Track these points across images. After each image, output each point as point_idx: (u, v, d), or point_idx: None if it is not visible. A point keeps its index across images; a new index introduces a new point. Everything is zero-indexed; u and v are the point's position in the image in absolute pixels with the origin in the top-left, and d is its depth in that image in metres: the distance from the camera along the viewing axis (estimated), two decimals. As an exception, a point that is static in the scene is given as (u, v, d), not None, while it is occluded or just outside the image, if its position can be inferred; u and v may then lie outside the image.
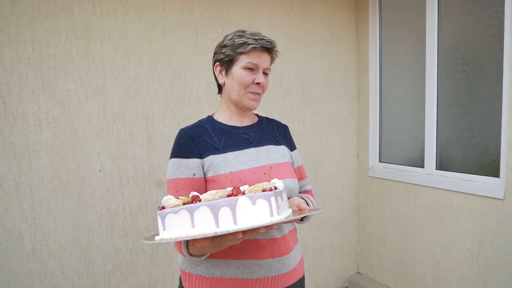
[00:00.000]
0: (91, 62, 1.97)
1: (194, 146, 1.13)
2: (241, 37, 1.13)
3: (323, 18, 2.71)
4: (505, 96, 2.00)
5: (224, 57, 1.16)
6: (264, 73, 1.18)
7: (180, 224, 0.92)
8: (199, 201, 0.93)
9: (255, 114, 1.32)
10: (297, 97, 2.64)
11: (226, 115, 1.22)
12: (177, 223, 0.92)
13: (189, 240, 1.03)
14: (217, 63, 1.19)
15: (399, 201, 2.64)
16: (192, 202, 0.93)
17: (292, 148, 1.33)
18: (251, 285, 1.11)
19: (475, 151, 2.22)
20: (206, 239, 0.93)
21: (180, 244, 1.05)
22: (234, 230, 0.87)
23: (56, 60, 1.89)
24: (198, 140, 1.14)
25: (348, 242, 2.98)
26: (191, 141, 1.13)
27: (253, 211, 0.89)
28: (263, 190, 0.90)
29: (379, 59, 2.78)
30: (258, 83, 1.15)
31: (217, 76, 1.21)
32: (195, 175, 1.11)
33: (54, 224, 1.92)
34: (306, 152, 2.70)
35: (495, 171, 2.09)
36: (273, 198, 0.89)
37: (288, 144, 1.31)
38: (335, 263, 2.92)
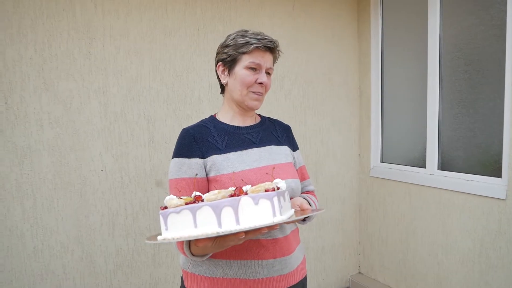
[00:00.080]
0: (93, 62, 1.97)
1: (197, 146, 1.13)
2: (243, 37, 1.13)
3: (324, 18, 2.70)
4: (507, 96, 1.99)
5: (227, 57, 1.16)
6: (267, 73, 1.18)
7: (182, 224, 0.91)
8: (201, 201, 0.93)
9: (258, 114, 1.32)
10: (298, 97, 2.64)
11: (229, 115, 1.22)
12: (179, 223, 0.92)
13: (191, 240, 1.03)
14: (219, 63, 1.19)
15: (400, 201, 2.63)
16: (195, 202, 0.93)
17: (294, 149, 1.33)
18: (253, 285, 1.11)
19: (477, 151, 2.22)
20: (209, 239, 0.93)
21: (182, 244, 1.05)
22: (237, 230, 0.87)
23: (58, 60, 1.89)
24: (200, 140, 1.14)
25: (350, 242, 2.98)
26: (194, 141, 1.13)
27: (255, 211, 0.89)
28: (266, 190, 0.90)
29: (380, 59, 2.78)
30: (261, 83, 1.15)
31: (219, 76, 1.21)
32: (197, 175, 1.10)
33: (56, 224, 1.92)
34: (308, 152, 2.70)
35: (497, 171, 2.08)
36: (275, 198, 0.88)
37: (290, 145, 1.31)
38: (336, 263, 2.92)
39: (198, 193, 0.96)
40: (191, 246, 1.04)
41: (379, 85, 2.80)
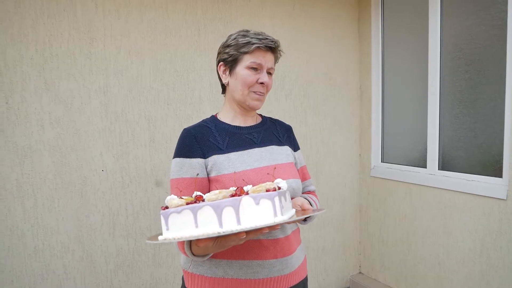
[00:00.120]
0: (93, 62, 1.97)
1: (198, 146, 1.13)
2: (245, 36, 1.13)
3: (325, 19, 2.70)
4: (508, 96, 1.99)
5: (228, 57, 1.16)
6: (268, 72, 1.17)
7: (183, 224, 0.91)
8: (202, 201, 0.93)
9: (259, 115, 1.32)
10: (299, 97, 2.64)
11: (230, 115, 1.22)
12: (180, 223, 0.92)
13: (192, 240, 1.02)
14: (221, 63, 1.19)
15: (401, 202, 2.63)
16: (196, 202, 0.93)
17: (295, 149, 1.33)
18: (253, 285, 1.11)
19: (477, 151, 2.22)
20: (210, 239, 0.93)
21: (183, 244, 1.05)
22: (238, 230, 0.87)
23: (58, 60, 1.89)
24: (201, 140, 1.14)
25: (350, 242, 2.98)
26: (195, 141, 1.13)
27: (256, 211, 0.89)
28: (267, 190, 0.90)
29: (381, 59, 2.78)
30: (262, 83, 1.15)
31: (221, 76, 1.21)
32: (198, 175, 1.10)
33: (57, 224, 1.93)
34: (308, 152, 2.70)
35: (498, 171, 2.08)
36: (276, 198, 0.88)
37: (291, 145, 1.31)
38: (337, 263, 2.92)
39: (199, 193, 0.96)
40: (192, 246, 1.04)
41: (379, 85, 2.80)
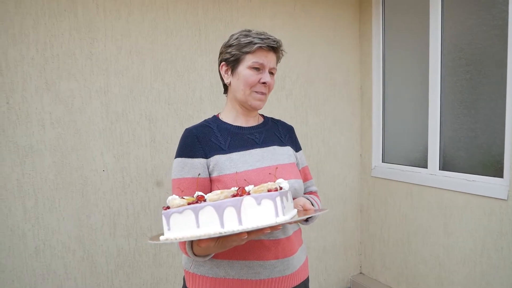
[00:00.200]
0: (94, 62, 1.97)
1: (200, 146, 1.12)
2: (247, 36, 1.13)
3: (325, 19, 2.70)
4: (508, 97, 1.99)
5: (230, 57, 1.15)
6: (270, 72, 1.17)
7: (185, 224, 0.91)
8: (204, 201, 0.93)
9: (261, 115, 1.31)
10: (300, 97, 2.64)
11: (232, 115, 1.22)
12: (182, 223, 0.91)
13: (193, 240, 1.02)
14: (222, 63, 1.19)
15: (402, 202, 2.63)
16: (197, 202, 0.93)
17: (297, 149, 1.32)
18: (254, 286, 1.11)
19: (478, 151, 2.22)
20: (211, 239, 0.93)
21: (185, 244, 1.05)
22: (239, 230, 0.87)
23: (59, 60, 1.89)
24: (203, 140, 1.14)
25: (351, 242, 2.98)
26: (197, 140, 1.13)
27: (258, 211, 0.88)
28: (269, 190, 0.90)
29: (382, 59, 2.78)
30: (264, 83, 1.15)
31: (222, 76, 1.20)
32: (200, 175, 1.10)
33: (57, 224, 1.92)
34: (309, 152, 2.70)
35: (499, 171, 2.08)
36: (278, 199, 0.88)
37: (293, 145, 1.31)
38: (337, 263, 2.92)
39: (200, 193, 0.96)
40: (193, 246, 1.04)
41: (380, 85, 2.80)
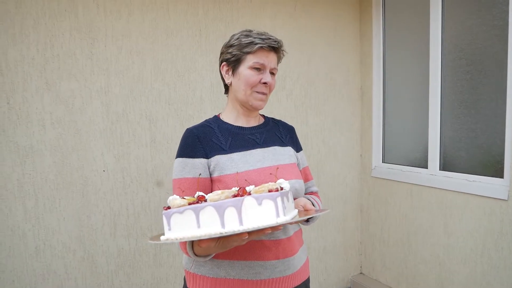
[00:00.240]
0: (94, 62, 1.97)
1: (201, 146, 1.12)
2: (248, 36, 1.13)
3: (326, 19, 2.70)
4: (509, 97, 1.99)
5: (231, 57, 1.15)
6: (271, 72, 1.17)
7: (185, 224, 0.91)
8: (204, 201, 0.93)
9: (261, 115, 1.31)
10: (300, 97, 2.64)
11: (233, 116, 1.22)
12: (182, 223, 0.91)
13: (194, 241, 1.02)
14: (223, 63, 1.19)
15: (402, 202, 2.63)
16: (198, 202, 0.93)
17: (298, 150, 1.32)
18: (255, 286, 1.11)
19: (479, 151, 2.22)
20: (212, 239, 0.93)
21: (185, 244, 1.05)
22: (240, 231, 0.86)
23: (60, 60, 1.89)
24: (204, 140, 1.14)
25: (351, 242, 2.98)
26: (198, 141, 1.13)
27: (259, 211, 0.88)
28: (269, 191, 0.90)
29: (382, 59, 2.78)
30: (265, 83, 1.15)
31: (223, 76, 1.20)
32: (201, 175, 1.10)
33: (58, 224, 1.93)
34: (309, 153, 2.70)
35: (499, 171, 2.08)
36: (279, 199, 0.88)
37: (294, 145, 1.31)
38: (338, 263, 2.92)
39: (201, 193, 0.96)
40: (194, 246, 1.04)
41: (381, 85, 2.80)
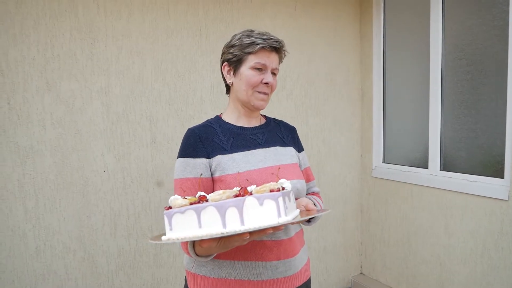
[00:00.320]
0: (95, 62, 1.97)
1: (202, 146, 1.12)
2: (249, 36, 1.13)
3: (326, 19, 2.70)
4: (509, 97, 1.99)
5: (232, 57, 1.15)
6: (273, 73, 1.17)
7: (187, 224, 0.91)
8: (206, 201, 0.93)
9: (263, 116, 1.31)
10: (300, 98, 2.64)
11: (234, 116, 1.22)
12: (184, 223, 0.91)
13: (195, 241, 1.02)
14: (225, 63, 1.19)
15: (402, 202, 2.63)
16: (199, 202, 0.93)
17: (299, 150, 1.32)
18: (256, 286, 1.11)
19: (479, 152, 2.22)
20: (213, 239, 0.93)
21: (187, 244, 1.05)
22: (241, 231, 0.86)
23: (60, 61, 1.89)
24: (206, 140, 1.14)
25: (352, 242, 2.98)
26: (199, 141, 1.13)
27: (260, 211, 0.88)
28: (271, 191, 0.90)
29: (382, 59, 2.78)
30: (267, 83, 1.15)
31: (225, 76, 1.20)
32: (202, 175, 1.10)
33: (58, 224, 1.92)
34: (310, 153, 2.70)
35: (500, 172, 2.08)
36: (280, 199, 0.88)
37: (295, 146, 1.31)
38: (338, 263, 2.92)
39: (202, 193, 0.96)
40: (195, 246, 1.04)
41: (381, 85, 2.80)
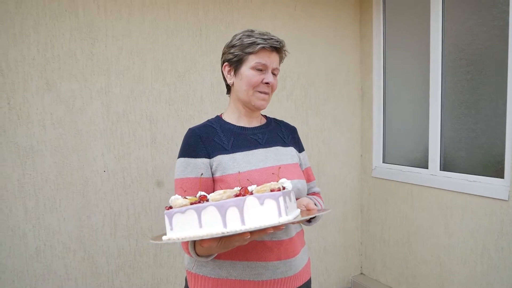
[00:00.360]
0: (95, 62, 1.97)
1: (203, 146, 1.12)
2: (249, 37, 1.13)
3: (326, 19, 2.70)
4: (509, 97, 1.99)
5: (233, 57, 1.15)
6: (273, 73, 1.17)
7: (187, 224, 0.91)
8: (206, 201, 0.93)
9: (264, 116, 1.31)
10: (300, 98, 2.64)
11: (235, 116, 1.22)
12: (184, 223, 0.91)
13: (196, 240, 1.02)
14: (225, 63, 1.19)
15: (402, 202, 2.63)
16: (200, 202, 0.93)
17: (300, 150, 1.32)
18: (257, 287, 1.11)
19: (479, 152, 2.22)
20: (214, 239, 0.93)
21: (187, 244, 1.05)
22: (242, 230, 0.86)
23: (60, 61, 1.89)
24: (206, 140, 1.14)
25: (352, 242, 2.98)
26: (200, 140, 1.13)
27: (261, 211, 0.88)
28: (271, 190, 0.90)
29: (382, 59, 2.78)
30: (267, 83, 1.15)
31: (225, 76, 1.20)
32: (202, 174, 1.10)
33: (58, 224, 1.92)
34: (310, 153, 2.70)
35: (500, 172, 2.08)
36: (281, 198, 0.88)
37: (296, 146, 1.31)
38: (338, 263, 2.92)
39: (203, 193, 0.96)
40: (196, 246, 1.04)
41: (381, 85, 2.80)
